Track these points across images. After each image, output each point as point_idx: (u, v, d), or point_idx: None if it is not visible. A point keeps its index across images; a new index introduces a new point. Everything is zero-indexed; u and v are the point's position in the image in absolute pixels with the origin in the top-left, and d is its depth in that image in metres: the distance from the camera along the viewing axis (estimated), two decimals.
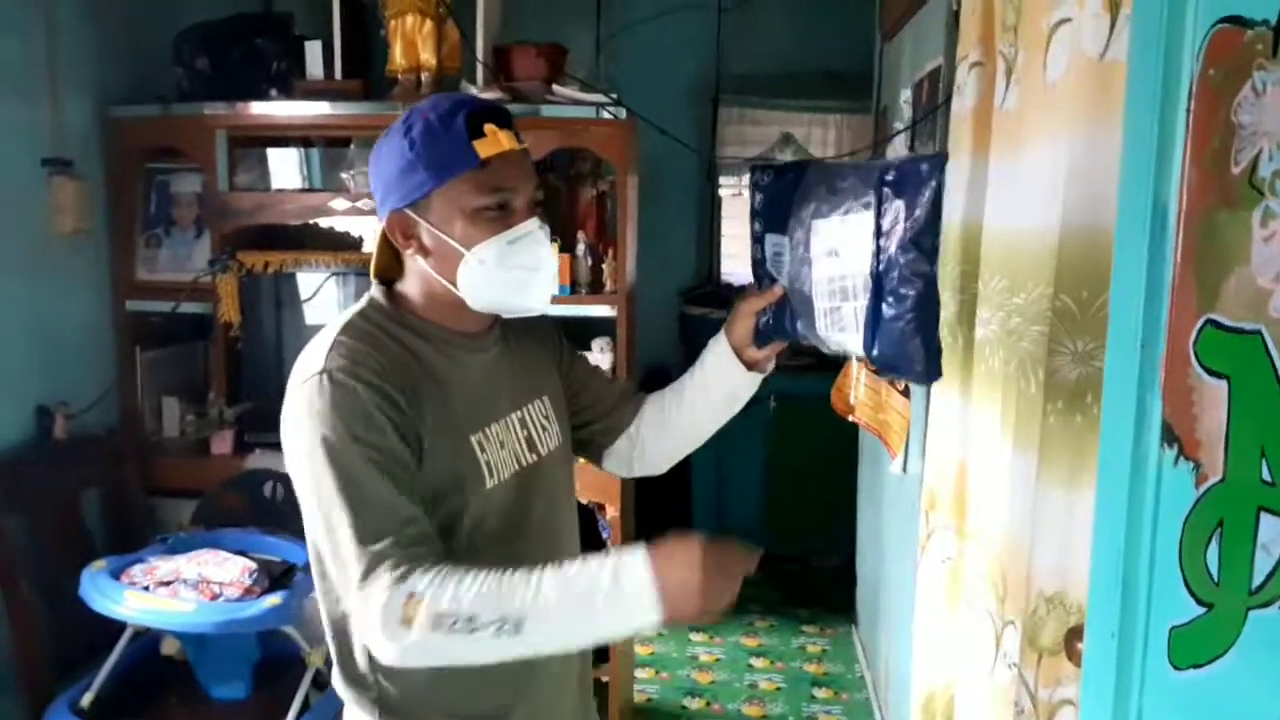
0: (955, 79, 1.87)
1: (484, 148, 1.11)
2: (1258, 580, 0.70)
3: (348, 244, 2.95)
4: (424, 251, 1.17)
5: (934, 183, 1.15)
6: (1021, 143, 1.49)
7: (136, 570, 2.06)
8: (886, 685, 2.82)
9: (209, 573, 2.01)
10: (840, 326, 1.23)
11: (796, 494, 4.05)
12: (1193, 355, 0.77)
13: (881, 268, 1.17)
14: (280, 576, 2.11)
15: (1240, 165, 0.72)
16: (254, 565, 2.05)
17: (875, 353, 1.17)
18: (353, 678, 1.20)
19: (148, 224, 2.80)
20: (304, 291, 2.72)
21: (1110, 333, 0.90)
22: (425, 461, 1.12)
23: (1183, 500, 0.78)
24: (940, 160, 1.16)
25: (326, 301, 2.74)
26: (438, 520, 1.13)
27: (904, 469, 2.43)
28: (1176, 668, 0.78)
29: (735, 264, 4.57)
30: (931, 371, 1.17)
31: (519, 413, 1.26)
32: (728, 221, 4.57)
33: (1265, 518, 0.69)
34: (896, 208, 1.13)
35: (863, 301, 1.17)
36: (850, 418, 3.11)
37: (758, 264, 1.39)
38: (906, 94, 2.66)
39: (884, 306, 1.15)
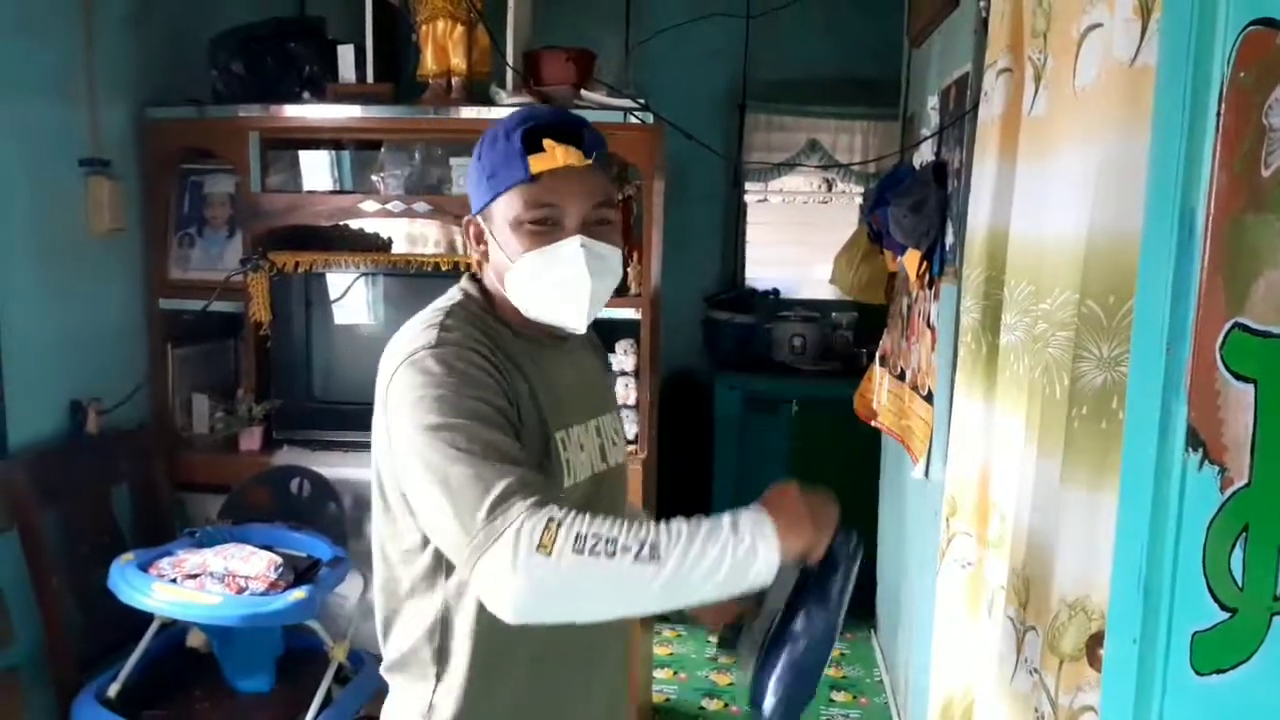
0: (983, 85, 1.87)
1: (537, 162, 1.13)
2: None
3: (377, 245, 2.98)
4: (486, 257, 1.23)
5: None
6: (1049, 149, 1.49)
7: (164, 563, 2.09)
8: (906, 690, 2.81)
9: (235, 566, 2.04)
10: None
11: None
12: (1219, 359, 0.77)
13: None
14: (305, 571, 2.13)
15: (1271, 168, 0.72)
16: (280, 560, 2.08)
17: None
18: (411, 670, 1.20)
19: (181, 223, 2.85)
20: (333, 292, 2.75)
21: (1135, 335, 0.89)
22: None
23: (1207, 504, 0.77)
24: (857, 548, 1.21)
25: (355, 302, 2.77)
26: None
27: (926, 474, 2.43)
28: (1199, 673, 0.78)
29: (760, 269, 4.57)
30: None
31: (595, 421, 1.29)
32: (753, 227, 4.58)
33: None
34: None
35: None
36: (873, 423, 3.10)
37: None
38: (934, 100, 2.66)
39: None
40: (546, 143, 1.14)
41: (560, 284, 1.17)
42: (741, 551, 1.01)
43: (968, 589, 1.81)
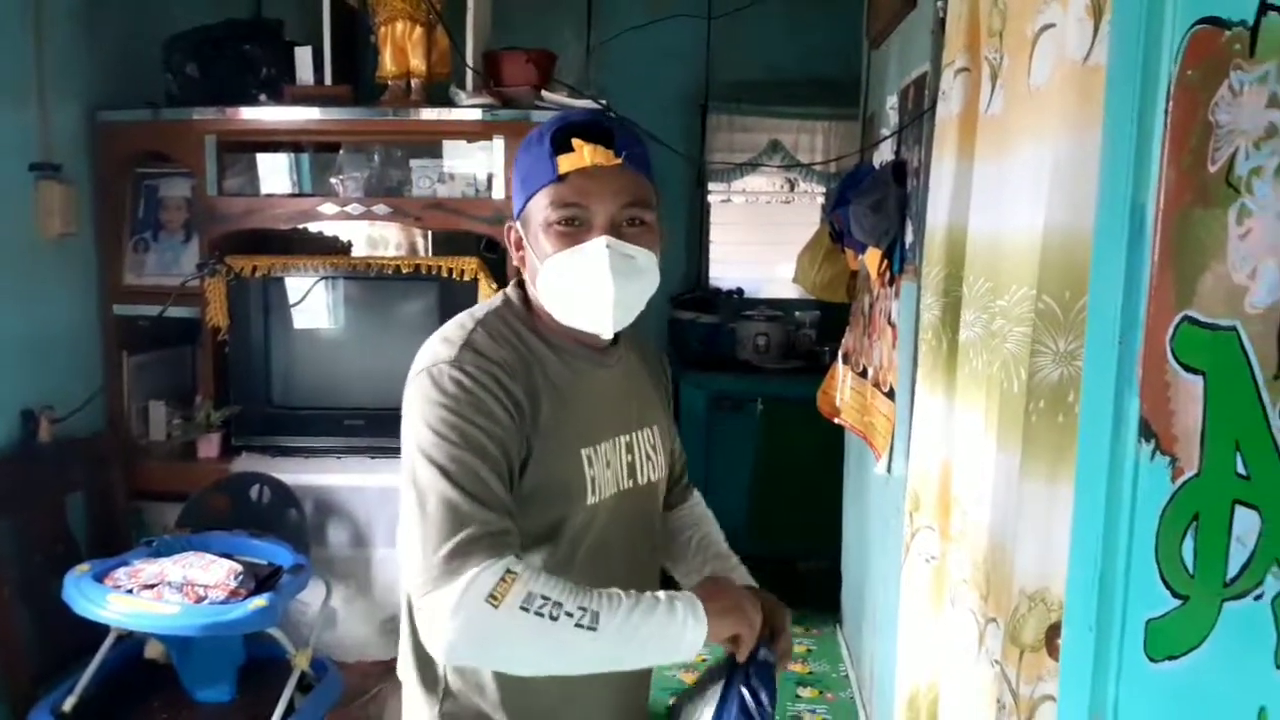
0: (941, 85, 1.89)
1: (565, 162, 1.11)
2: (1232, 572, 0.71)
3: (336, 249, 2.96)
4: (524, 264, 1.20)
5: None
6: (1006, 147, 1.51)
7: (120, 573, 2.05)
8: (871, 685, 2.83)
9: (194, 575, 2.01)
10: None
11: (783, 495, 4.05)
12: (1169, 352, 0.78)
13: None
14: (266, 579, 2.10)
15: (1217, 164, 0.74)
16: (240, 568, 2.05)
17: None
18: (425, 675, 1.19)
19: (136, 228, 2.80)
20: (292, 296, 2.72)
21: (1089, 330, 0.91)
22: (530, 467, 1.12)
23: (1159, 495, 0.79)
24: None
25: (315, 306, 2.74)
26: (537, 528, 1.14)
27: (888, 470, 2.44)
28: (1152, 660, 0.79)
29: (724, 269, 4.59)
30: None
31: (628, 436, 1.25)
32: (716, 228, 4.59)
33: (1240, 510, 0.70)
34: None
35: None
36: (836, 420, 3.13)
37: None
38: (893, 100, 2.68)
39: None
40: (575, 142, 1.12)
41: (584, 286, 1.14)
42: (674, 630, 1.06)
43: (931, 583, 1.83)
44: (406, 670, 1.22)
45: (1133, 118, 0.82)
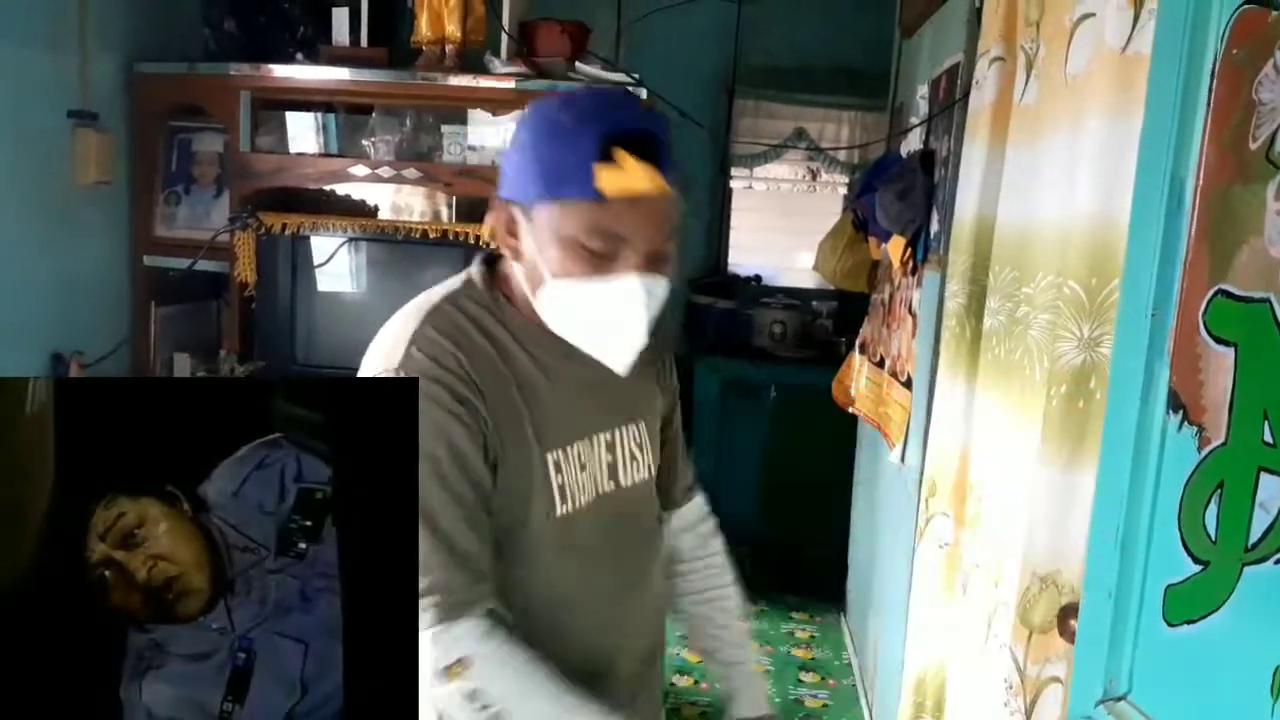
0: (975, 74, 1.90)
1: (609, 180, 0.94)
2: (1255, 537, 0.73)
3: (364, 211, 2.98)
4: (517, 255, 1.04)
5: None
6: (1039, 136, 1.52)
7: None
8: (874, 671, 2.86)
9: None
10: None
11: (792, 483, 4.08)
12: (1202, 324, 0.80)
13: None
14: None
15: (1258, 141, 0.75)
16: None
17: None
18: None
19: (169, 180, 2.83)
20: (318, 256, 2.74)
21: (1121, 302, 0.93)
22: (499, 471, 1.03)
23: (1185, 464, 0.81)
24: None
25: (339, 267, 2.76)
26: (497, 537, 1.04)
27: (902, 459, 2.46)
28: (1170, 624, 0.81)
29: (743, 255, 4.61)
30: None
31: (608, 434, 1.12)
32: (738, 213, 4.61)
33: (1265, 478, 0.72)
34: None
35: None
36: (851, 409, 3.15)
37: None
38: (923, 89, 2.69)
39: None
40: (620, 155, 0.94)
41: (609, 324, 1.01)
42: None
43: (944, 568, 1.85)
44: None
45: (1176, 95, 0.84)
